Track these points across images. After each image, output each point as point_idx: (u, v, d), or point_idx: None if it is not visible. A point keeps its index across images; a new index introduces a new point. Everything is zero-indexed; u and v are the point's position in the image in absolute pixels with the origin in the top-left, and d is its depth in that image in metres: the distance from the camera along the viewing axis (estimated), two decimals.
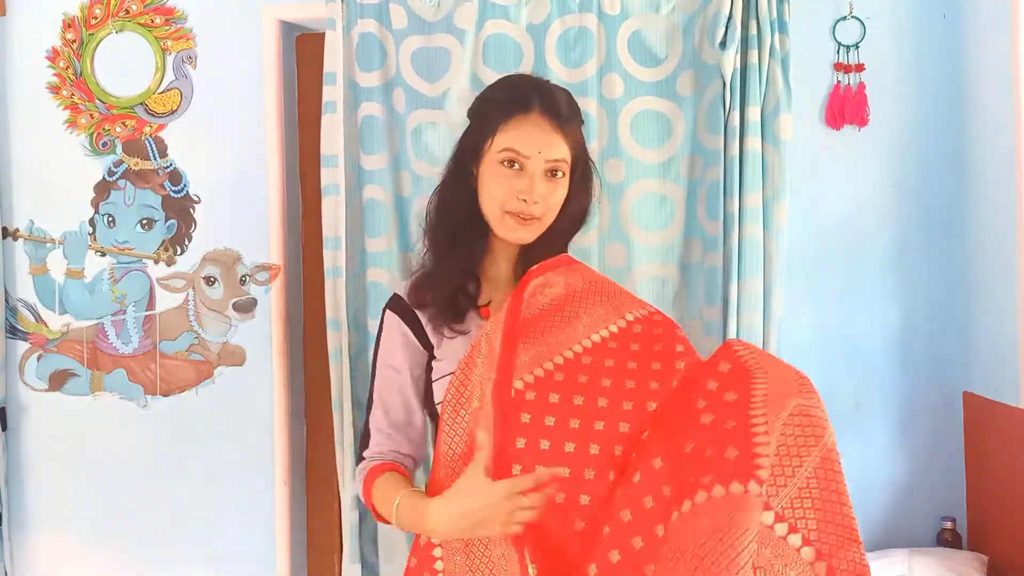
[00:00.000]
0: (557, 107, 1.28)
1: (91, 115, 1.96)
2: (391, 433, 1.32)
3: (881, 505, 1.80)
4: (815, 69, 1.77)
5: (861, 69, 1.77)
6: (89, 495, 2.00)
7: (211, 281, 1.95)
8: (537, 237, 1.30)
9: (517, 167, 1.26)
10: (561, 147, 1.27)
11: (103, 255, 1.98)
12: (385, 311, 1.36)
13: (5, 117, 2.00)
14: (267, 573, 1.94)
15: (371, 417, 1.34)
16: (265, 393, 1.93)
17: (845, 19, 1.76)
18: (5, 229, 2.00)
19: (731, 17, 1.65)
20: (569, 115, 1.30)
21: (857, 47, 1.77)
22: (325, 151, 1.76)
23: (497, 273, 1.37)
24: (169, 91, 1.94)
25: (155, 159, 1.95)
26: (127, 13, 1.94)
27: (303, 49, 1.98)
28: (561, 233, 1.36)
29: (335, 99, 1.75)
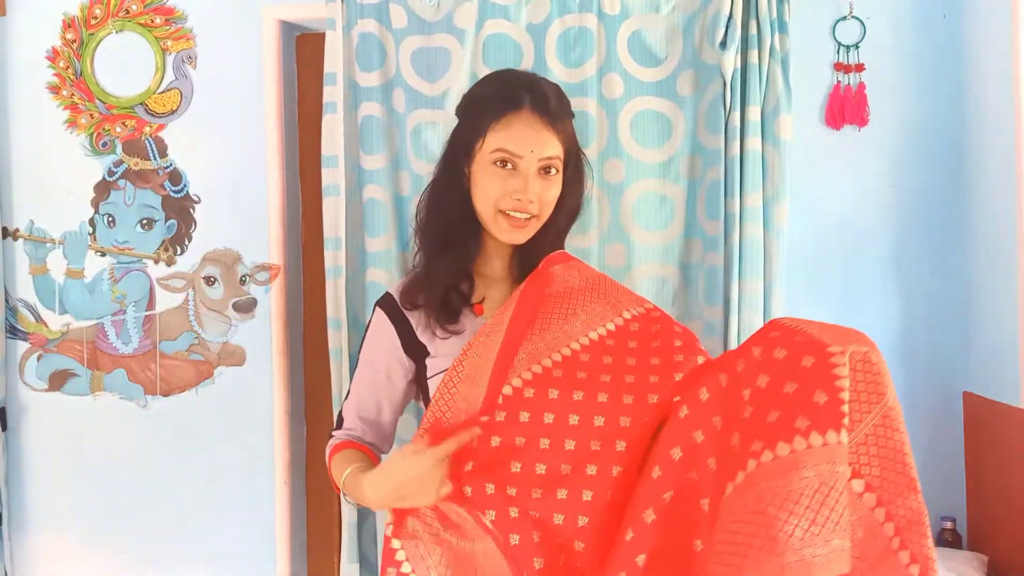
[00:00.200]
0: (547, 104, 1.26)
1: (91, 115, 1.96)
2: (360, 423, 1.36)
3: None
4: (815, 69, 1.77)
5: (861, 69, 1.77)
6: (89, 495, 2.00)
7: (211, 281, 1.95)
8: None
9: (510, 167, 1.25)
10: (553, 144, 1.26)
11: (103, 255, 1.98)
12: (376, 308, 1.37)
13: (5, 117, 2.00)
14: (267, 573, 1.94)
15: (345, 403, 1.38)
16: (265, 393, 1.93)
17: (845, 19, 1.76)
18: (5, 229, 2.00)
19: (731, 17, 1.65)
20: (559, 110, 1.29)
21: (857, 47, 1.77)
22: (326, 151, 1.76)
23: (491, 271, 1.37)
24: (169, 91, 1.94)
25: (155, 159, 1.95)
26: (127, 13, 1.94)
27: (303, 49, 1.98)
28: (557, 228, 1.36)
29: (335, 99, 1.75)
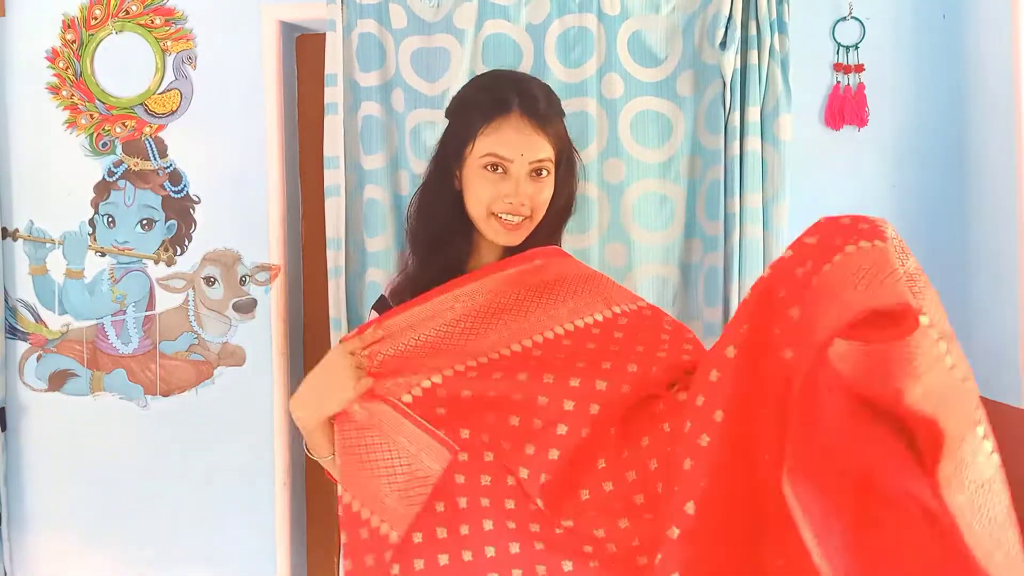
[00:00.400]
0: (536, 106, 1.25)
1: (91, 115, 1.96)
2: None
3: None
4: (815, 69, 1.77)
5: (861, 69, 1.77)
6: (89, 495, 2.00)
7: (211, 281, 1.95)
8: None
9: (501, 171, 1.24)
10: (544, 147, 1.25)
11: (103, 255, 1.98)
12: (371, 311, 1.38)
13: (5, 117, 2.00)
14: (267, 573, 1.94)
15: None
16: (265, 393, 1.93)
17: (845, 19, 1.76)
18: (5, 229, 2.00)
19: (731, 17, 1.65)
20: (549, 112, 1.27)
21: (857, 47, 1.77)
22: (328, 152, 1.76)
23: None
24: (169, 91, 1.94)
25: (155, 159, 1.95)
26: (127, 14, 1.94)
27: (303, 49, 1.98)
28: (550, 228, 1.36)
29: (336, 100, 1.75)
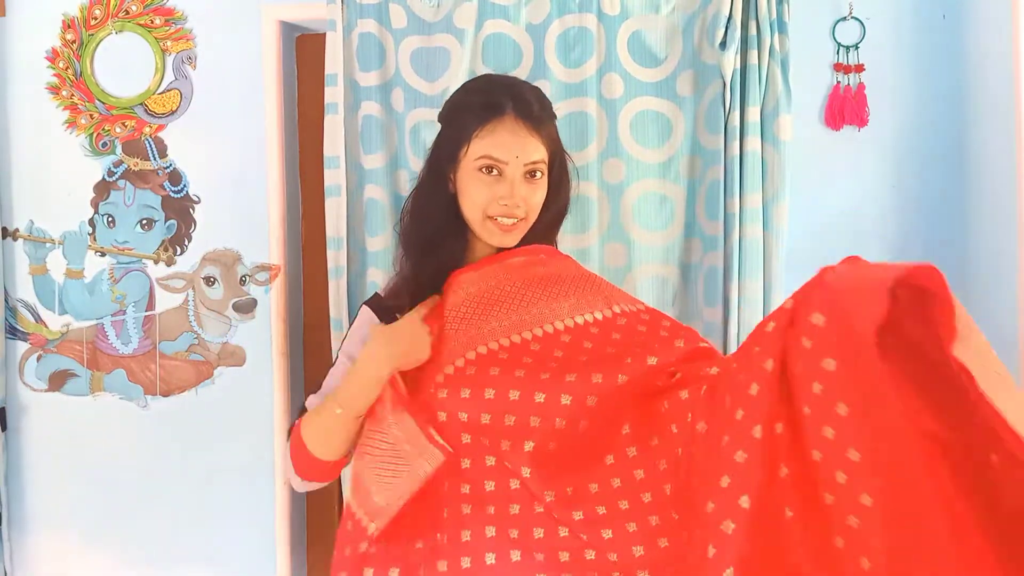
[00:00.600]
0: (530, 109, 1.26)
1: (91, 115, 1.96)
2: None
3: None
4: (815, 69, 1.77)
5: (861, 69, 1.77)
6: (89, 495, 2.00)
7: (211, 281, 1.95)
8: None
9: (496, 173, 1.25)
10: (538, 148, 1.26)
11: (103, 255, 1.98)
12: (363, 307, 1.36)
13: (5, 117, 2.00)
14: (267, 573, 1.94)
15: (312, 396, 1.30)
16: (265, 393, 1.93)
17: (845, 19, 1.76)
18: (5, 229, 2.00)
19: (731, 17, 1.65)
20: (542, 114, 1.29)
21: (857, 47, 1.77)
22: (328, 152, 1.76)
23: None
24: (169, 91, 1.94)
25: (155, 159, 1.95)
26: (127, 14, 1.94)
27: (303, 49, 1.98)
28: (544, 229, 1.37)
29: (337, 100, 1.75)
